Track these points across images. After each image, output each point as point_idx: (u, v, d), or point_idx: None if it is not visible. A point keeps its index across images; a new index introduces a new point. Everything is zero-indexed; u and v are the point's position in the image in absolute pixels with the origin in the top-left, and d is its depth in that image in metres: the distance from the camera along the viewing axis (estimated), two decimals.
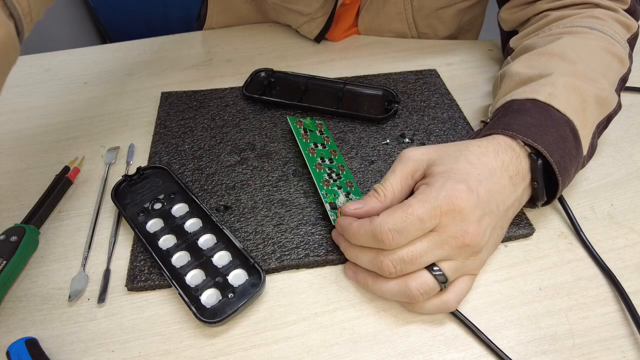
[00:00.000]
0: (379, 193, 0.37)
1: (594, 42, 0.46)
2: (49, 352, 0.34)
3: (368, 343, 0.35)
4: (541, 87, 0.41)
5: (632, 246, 0.41)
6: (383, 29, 0.71)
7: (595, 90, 0.41)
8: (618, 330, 0.35)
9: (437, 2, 0.67)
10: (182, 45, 0.71)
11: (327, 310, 0.37)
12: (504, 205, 0.36)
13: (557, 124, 0.38)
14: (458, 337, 0.35)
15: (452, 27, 0.71)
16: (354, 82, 0.59)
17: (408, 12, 0.67)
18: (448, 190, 0.33)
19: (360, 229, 0.34)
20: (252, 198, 0.45)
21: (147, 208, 0.43)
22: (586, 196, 0.46)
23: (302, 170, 0.48)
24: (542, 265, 0.40)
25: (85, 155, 0.51)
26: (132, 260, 0.40)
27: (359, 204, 0.37)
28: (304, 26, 0.68)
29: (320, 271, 0.40)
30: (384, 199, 0.36)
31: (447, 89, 0.59)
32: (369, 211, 0.36)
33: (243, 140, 0.52)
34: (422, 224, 0.32)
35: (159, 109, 0.56)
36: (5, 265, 0.38)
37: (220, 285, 0.37)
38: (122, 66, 0.66)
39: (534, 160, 0.37)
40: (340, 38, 0.71)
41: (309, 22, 0.67)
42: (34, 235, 0.41)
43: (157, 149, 0.51)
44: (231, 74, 0.63)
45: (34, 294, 0.38)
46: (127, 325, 0.36)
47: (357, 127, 0.53)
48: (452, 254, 0.33)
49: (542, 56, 0.45)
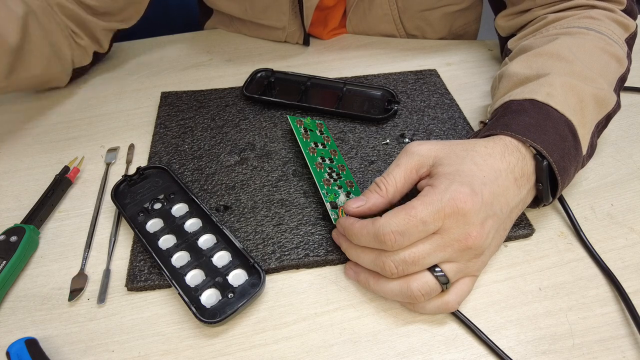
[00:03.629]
0: (380, 188, 0.37)
1: (591, 42, 0.46)
2: (49, 352, 0.34)
3: (368, 343, 0.35)
4: (539, 87, 0.41)
5: (632, 246, 0.41)
6: (371, 31, 0.71)
7: (593, 89, 0.41)
8: (618, 330, 0.35)
9: (420, 4, 0.67)
10: (182, 45, 0.71)
11: (327, 310, 0.37)
12: (507, 207, 0.36)
13: (555, 123, 0.38)
14: (458, 337, 0.35)
15: (442, 30, 0.72)
16: (354, 82, 0.59)
17: (394, 13, 0.68)
18: (452, 193, 0.33)
19: (363, 230, 0.34)
20: (252, 198, 0.45)
21: (147, 208, 0.43)
22: (586, 196, 0.46)
23: (302, 170, 0.48)
24: (542, 265, 0.40)
25: (85, 155, 0.51)
26: (132, 260, 0.40)
27: (360, 201, 0.37)
28: (287, 38, 0.69)
29: (320, 271, 0.40)
30: (385, 193, 0.36)
31: (446, 89, 0.59)
32: (372, 208, 0.36)
33: (243, 140, 0.52)
34: (425, 227, 0.32)
35: (159, 109, 0.56)
36: (5, 265, 0.38)
37: (220, 285, 0.37)
38: (122, 66, 0.66)
39: (539, 162, 0.37)
40: (329, 37, 0.71)
41: (290, 34, 0.68)
42: (34, 235, 0.41)
43: (157, 149, 0.51)
44: (231, 74, 0.63)
45: (34, 294, 0.38)
46: (127, 325, 0.36)
47: (357, 127, 0.53)
48: (454, 256, 0.33)
49: (539, 56, 0.45)
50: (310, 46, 0.69)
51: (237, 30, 0.73)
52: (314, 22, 0.67)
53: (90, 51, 0.61)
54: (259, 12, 0.66)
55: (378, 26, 0.70)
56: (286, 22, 0.66)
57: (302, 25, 0.66)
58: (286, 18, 0.65)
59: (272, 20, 0.67)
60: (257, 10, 0.66)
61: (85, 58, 0.61)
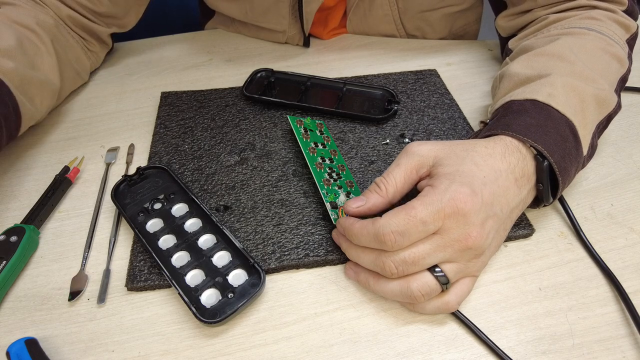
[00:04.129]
0: (380, 188, 0.37)
1: (592, 42, 0.46)
2: (49, 352, 0.34)
3: (368, 343, 0.35)
4: (540, 87, 0.41)
5: (632, 246, 0.41)
6: (372, 31, 0.71)
7: (594, 90, 0.41)
8: (618, 330, 0.35)
9: (420, 4, 0.67)
10: (182, 45, 0.71)
11: (327, 310, 0.37)
12: (508, 207, 0.36)
13: (557, 124, 0.38)
14: (458, 337, 0.35)
15: (442, 31, 0.72)
16: (354, 82, 0.59)
17: (395, 14, 0.68)
18: (452, 193, 0.33)
19: (363, 230, 0.34)
20: (252, 198, 0.45)
21: (147, 208, 0.43)
22: (586, 196, 0.46)
23: (302, 170, 0.48)
24: (542, 265, 0.40)
25: (85, 155, 0.51)
26: (132, 260, 0.40)
27: (360, 201, 0.37)
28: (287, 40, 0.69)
29: (320, 271, 0.40)
30: (385, 193, 0.36)
31: (446, 89, 0.58)
32: (371, 208, 0.36)
33: (243, 140, 0.52)
34: (424, 227, 0.32)
35: (159, 109, 0.56)
36: (5, 265, 0.38)
37: (220, 285, 0.37)
38: (122, 66, 0.66)
39: (539, 162, 0.37)
40: (329, 37, 0.71)
41: (291, 37, 0.68)
42: (34, 235, 0.41)
43: (157, 149, 0.51)
44: (231, 74, 0.63)
45: (34, 294, 0.38)
46: (127, 325, 0.36)
47: (357, 127, 0.53)
48: (454, 256, 0.33)
49: (540, 57, 0.45)
50: (310, 46, 0.69)
51: (238, 31, 0.73)
52: (314, 22, 0.67)
53: (102, 55, 0.65)
54: (259, 16, 0.67)
55: (378, 26, 0.70)
56: (286, 25, 0.66)
57: (302, 30, 0.66)
58: (286, 22, 0.66)
59: (272, 24, 0.67)
60: (257, 13, 0.66)
61: (98, 62, 0.65)
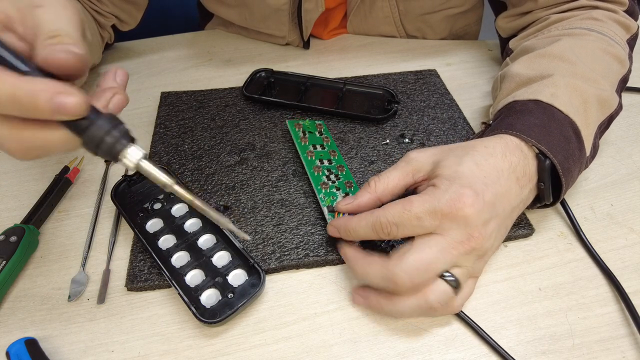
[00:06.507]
0: (370, 185, 0.37)
1: (593, 43, 0.46)
2: (49, 352, 0.34)
3: (368, 343, 0.35)
4: (543, 87, 0.41)
5: (632, 246, 0.41)
6: (372, 32, 0.71)
7: (596, 91, 0.41)
8: (618, 330, 0.35)
9: (422, 7, 0.67)
10: (182, 45, 0.71)
11: (326, 310, 0.37)
12: (509, 207, 0.36)
13: (560, 124, 0.38)
14: (458, 337, 0.35)
15: (443, 32, 0.72)
16: (354, 82, 0.59)
17: (395, 16, 0.68)
18: (452, 194, 0.33)
19: (361, 221, 0.35)
20: (252, 198, 0.45)
21: (146, 208, 0.43)
22: (586, 196, 0.46)
23: (302, 170, 0.48)
24: (542, 265, 0.40)
25: (85, 155, 0.51)
26: (131, 260, 0.40)
27: (350, 199, 0.38)
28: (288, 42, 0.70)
29: (320, 271, 0.40)
30: (374, 190, 0.37)
31: (446, 89, 0.58)
32: (360, 204, 0.37)
33: (243, 140, 0.52)
34: (419, 222, 0.32)
35: (158, 109, 0.56)
36: (5, 265, 0.38)
37: (220, 285, 0.37)
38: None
39: (541, 161, 0.37)
40: (329, 37, 0.72)
41: (290, 42, 0.68)
42: (33, 235, 0.41)
43: (157, 149, 0.51)
44: (231, 74, 0.63)
45: (33, 294, 0.38)
46: (126, 325, 0.36)
47: (357, 127, 0.53)
48: (461, 260, 0.33)
49: (542, 57, 0.45)
50: (310, 46, 0.69)
51: (237, 33, 0.73)
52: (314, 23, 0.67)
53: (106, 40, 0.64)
54: (259, 22, 0.67)
55: (379, 28, 0.70)
56: (286, 32, 0.66)
57: (301, 36, 0.66)
58: (286, 28, 0.66)
59: (272, 30, 0.67)
60: (256, 20, 0.66)
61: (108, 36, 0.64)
